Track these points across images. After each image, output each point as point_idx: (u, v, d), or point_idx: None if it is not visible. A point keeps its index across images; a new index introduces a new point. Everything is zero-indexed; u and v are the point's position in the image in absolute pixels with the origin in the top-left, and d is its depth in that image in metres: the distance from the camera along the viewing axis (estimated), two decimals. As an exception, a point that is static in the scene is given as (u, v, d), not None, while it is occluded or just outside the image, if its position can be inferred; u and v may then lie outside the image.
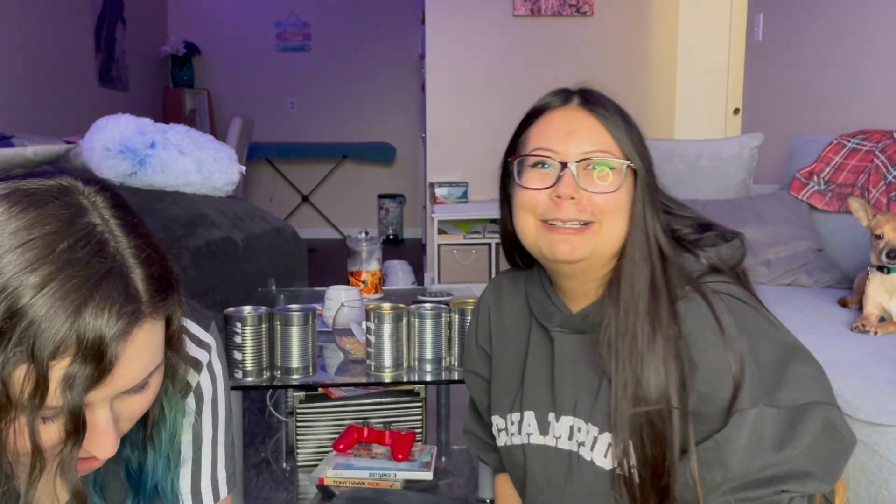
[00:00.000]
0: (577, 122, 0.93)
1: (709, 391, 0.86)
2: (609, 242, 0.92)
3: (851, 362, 1.62)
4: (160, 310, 0.61)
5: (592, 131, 0.92)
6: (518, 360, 1.04)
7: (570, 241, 0.91)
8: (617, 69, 4.71)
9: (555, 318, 0.98)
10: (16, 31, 4.04)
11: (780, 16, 3.51)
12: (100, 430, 0.61)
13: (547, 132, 0.94)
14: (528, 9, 4.65)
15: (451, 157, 4.76)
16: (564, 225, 0.91)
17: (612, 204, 0.90)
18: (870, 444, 1.36)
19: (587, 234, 0.91)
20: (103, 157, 2.44)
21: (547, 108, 0.96)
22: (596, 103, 0.94)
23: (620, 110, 0.95)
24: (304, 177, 6.88)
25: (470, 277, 4.49)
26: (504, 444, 1.06)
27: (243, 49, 6.74)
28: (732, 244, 0.96)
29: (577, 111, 0.94)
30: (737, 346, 0.86)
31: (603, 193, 0.90)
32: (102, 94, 5.19)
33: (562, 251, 0.91)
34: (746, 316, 0.89)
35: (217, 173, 2.61)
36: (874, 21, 2.86)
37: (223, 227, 2.59)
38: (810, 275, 2.37)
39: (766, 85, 3.66)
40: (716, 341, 0.86)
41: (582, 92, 0.96)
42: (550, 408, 0.98)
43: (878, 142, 2.46)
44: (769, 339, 0.88)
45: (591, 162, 0.91)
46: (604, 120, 0.92)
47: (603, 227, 0.91)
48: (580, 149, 0.91)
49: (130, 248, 0.60)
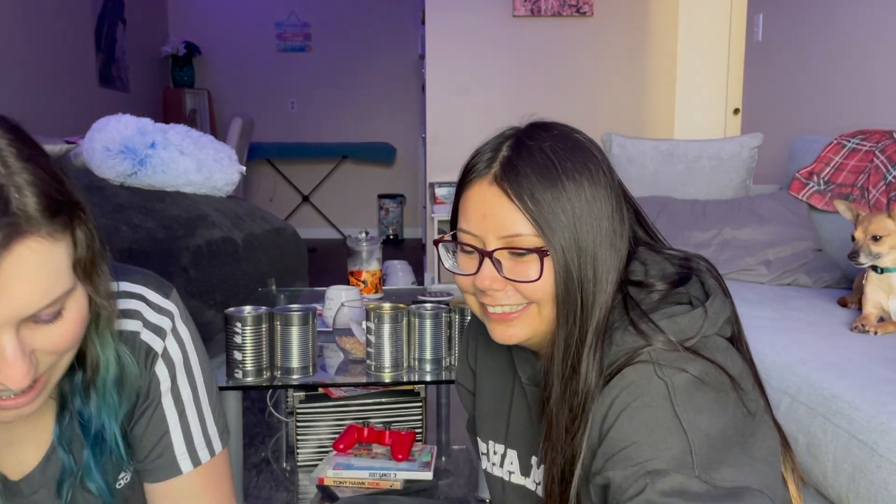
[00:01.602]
0: (491, 203, 0.82)
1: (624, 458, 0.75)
2: (548, 324, 0.85)
3: (851, 362, 1.62)
4: (49, 229, 0.61)
5: (507, 213, 0.81)
6: (504, 392, 1.00)
7: (507, 327, 0.86)
8: (617, 69, 4.71)
9: (527, 368, 0.95)
10: (16, 31, 4.05)
11: (780, 16, 3.51)
12: (7, 358, 0.61)
13: (467, 211, 0.86)
14: (527, 9, 4.65)
15: (451, 157, 4.76)
16: (496, 310, 0.86)
17: (538, 292, 0.82)
18: (870, 444, 1.36)
19: (524, 316, 0.85)
20: (104, 158, 2.44)
21: (471, 176, 0.86)
22: (514, 174, 0.81)
23: (549, 171, 0.81)
24: (305, 177, 6.88)
25: (470, 277, 4.49)
26: (485, 469, 1.05)
27: (244, 49, 6.74)
28: (692, 316, 0.82)
29: (491, 188, 0.82)
30: (666, 415, 0.75)
31: (526, 282, 0.82)
32: (103, 94, 5.19)
33: (499, 336, 0.87)
34: (687, 388, 0.77)
35: (217, 173, 2.61)
36: (874, 21, 2.86)
37: (223, 227, 2.60)
38: (810, 275, 2.37)
39: (766, 85, 3.66)
40: (643, 409, 0.76)
41: (508, 151, 0.84)
42: (534, 452, 0.95)
43: (878, 142, 2.46)
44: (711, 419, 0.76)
45: (509, 249, 0.82)
46: (520, 199, 0.80)
47: (540, 309, 0.84)
48: (498, 234, 0.82)
49: (21, 172, 0.60)
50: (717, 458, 0.73)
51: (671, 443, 0.73)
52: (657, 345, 0.79)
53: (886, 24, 2.79)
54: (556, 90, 4.67)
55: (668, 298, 0.84)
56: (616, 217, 0.84)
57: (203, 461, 0.85)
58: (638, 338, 0.80)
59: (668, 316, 0.82)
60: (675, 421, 0.74)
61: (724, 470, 0.73)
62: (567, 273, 0.81)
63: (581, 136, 0.87)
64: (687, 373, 0.77)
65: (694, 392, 0.76)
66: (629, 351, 0.80)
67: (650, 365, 0.78)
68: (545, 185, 0.81)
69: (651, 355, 0.78)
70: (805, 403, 1.56)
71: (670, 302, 0.84)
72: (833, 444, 1.46)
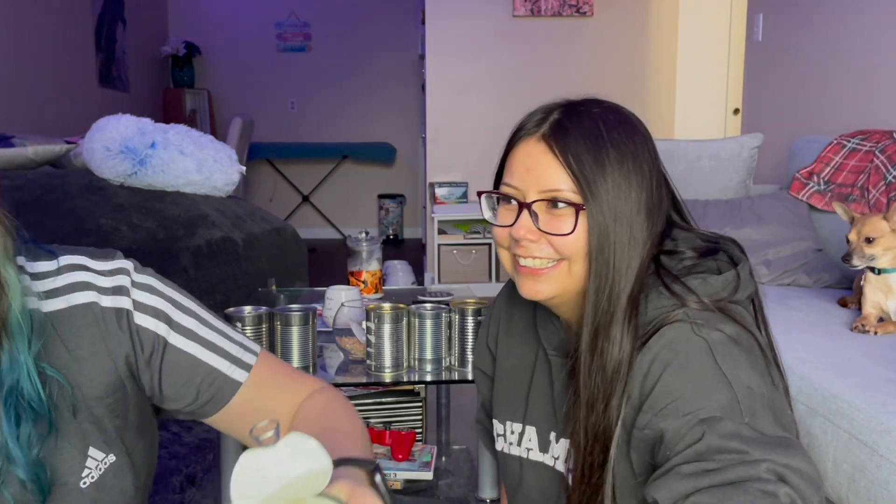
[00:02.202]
0: (536, 158, 0.87)
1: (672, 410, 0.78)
2: (577, 282, 0.88)
3: (851, 362, 1.62)
4: None
5: (550, 168, 0.86)
6: (525, 371, 1.03)
7: (535, 282, 0.89)
8: (617, 69, 4.71)
9: (553, 339, 0.97)
10: (16, 31, 4.05)
11: (780, 16, 3.51)
12: None
13: (512, 166, 0.90)
14: (528, 9, 4.65)
15: (451, 157, 4.76)
16: (528, 263, 0.89)
17: (571, 246, 0.86)
18: (870, 443, 1.36)
19: (553, 273, 0.88)
20: (104, 158, 2.44)
21: (520, 135, 0.91)
22: (562, 134, 0.86)
23: (596, 137, 0.85)
24: (305, 177, 6.88)
25: (470, 277, 4.50)
26: (501, 450, 1.06)
27: (243, 49, 6.74)
28: (725, 277, 0.87)
29: (538, 144, 0.87)
30: (711, 373, 0.78)
31: (559, 236, 0.86)
32: (103, 94, 5.19)
33: (526, 291, 0.90)
34: (727, 349, 0.80)
35: (217, 173, 2.61)
36: (874, 21, 2.86)
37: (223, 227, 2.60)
38: (810, 275, 2.37)
39: (766, 85, 3.66)
40: (686, 367, 0.79)
41: (558, 115, 0.89)
42: (552, 427, 0.97)
43: (878, 142, 2.46)
44: (752, 376, 0.79)
45: (547, 202, 0.87)
46: (563, 155, 0.85)
47: (571, 266, 0.87)
48: (538, 187, 0.87)
49: None
50: (758, 409, 0.76)
51: (719, 393, 0.76)
52: (690, 304, 0.83)
53: (887, 24, 2.79)
54: (556, 90, 4.63)
55: (698, 267, 0.88)
56: (655, 193, 0.88)
57: (251, 363, 0.84)
58: (672, 299, 0.84)
59: (699, 278, 0.86)
60: (719, 373, 0.77)
61: (765, 421, 0.75)
62: (601, 231, 0.84)
63: (629, 113, 0.92)
64: (722, 332, 0.81)
65: (731, 348, 0.80)
66: (664, 312, 0.84)
67: (688, 324, 0.82)
68: (589, 148, 0.85)
69: (688, 315, 0.82)
70: (805, 403, 1.56)
71: (700, 269, 0.88)
72: (833, 444, 1.46)
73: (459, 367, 1.47)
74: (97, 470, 0.75)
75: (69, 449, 0.73)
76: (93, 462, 0.75)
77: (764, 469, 0.69)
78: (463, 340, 1.46)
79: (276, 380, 0.86)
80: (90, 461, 0.75)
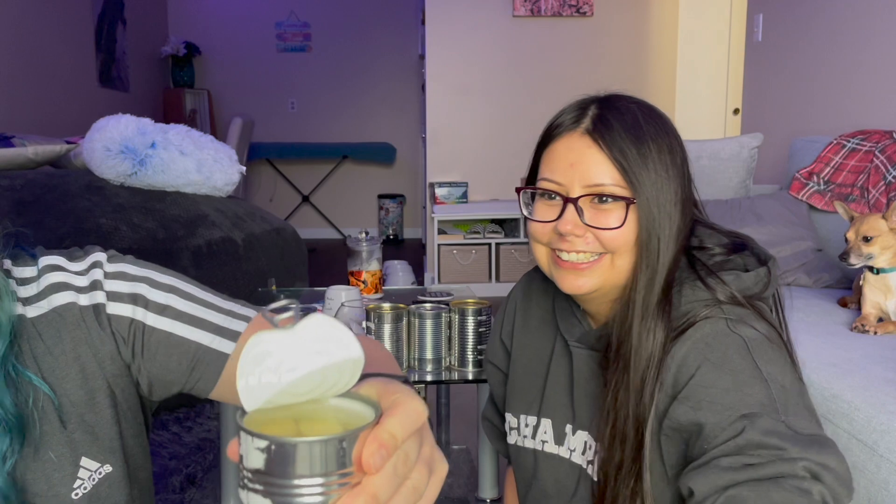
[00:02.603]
0: (580, 153, 0.88)
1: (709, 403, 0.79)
2: (619, 275, 0.89)
3: (851, 362, 1.62)
4: None
5: (596, 163, 0.87)
6: (540, 364, 1.03)
7: (577, 276, 0.89)
8: (617, 69, 4.71)
9: (575, 331, 0.97)
10: (16, 31, 4.05)
11: (780, 16, 3.51)
12: None
13: (552, 161, 0.90)
14: (527, 9, 4.65)
15: (451, 157, 4.76)
16: (570, 258, 0.89)
17: (619, 240, 0.87)
18: (870, 443, 1.37)
19: (596, 267, 0.88)
20: (104, 158, 2.44)
21: (558, 131, 0.91)
22: (606, 128, 0.87)
23: (637, 131, 0.87)
24: (305, 177, 6.88)
25: (470, 277, 4.49)
26: (514, 444, 1.06)
27: (243, 49, 6.74)
28: (758, 273, 0.88)
29: (582, 139, 0.88)
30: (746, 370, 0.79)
31: (607, 230, 0.86)
32: (103, 94, 5.19)
33: (568, 285, 0.90)
34: (761, 346, 0.82)
35: (217, 173, 2.61)
36: (874, 21, 2.86)
37: (223, 227, 2.60)
38: (810, 275, 2.37)
39: (765, 85, 3.66)
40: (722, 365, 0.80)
41: (597, 110, 0.89)
42: (569, 420, 0.98)
43: (878, 142, 2.46)
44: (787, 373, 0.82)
45: (594, 197, 0.87)
46: (610, 150, 0.86)
47: (614, 259, 0.88)
48: (583, 182, 0.87)
49: None
50: (792, 407, 0.78)
51: (756, 389, 0.78)
52: (723, 297, 0.85)
53: (886, 24, 2.79)
54: (556, 90, 4.67)
55: (728, 263, 0.90)
56: (686, 186, 0.90)
57: (240, 331, 0.75)
58: (706, 292, 0.85)
59: (732, 274, 0.88)
60: (756, 370, 0.79)
61: (799, 418, 0.77)
62: (650, 224, 0.86)
63: (658, 109, 0.94)
64: (757, 330, 0.83)
65: (766, 346, 0.82)
66: (698, 305, 0.85)
67: (723, 320, 0.83)
68: (633, 142, 0.86)
69: (723, 311, 0.84)
70: (805, 403, 1.56)
71: (729, 266, 0.90)
72: (833, 444, 1.46)
73: (459, 367, 1.47)
74: (90, 481, 0.72)
75: (59, 460, 0.70)
76: (85, 472, 0.71)
77: (801, 467, 0.70)
78: (463, 340, 1.46)
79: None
80: (82, 472, 0.71)
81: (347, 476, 0.37)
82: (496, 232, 4.58)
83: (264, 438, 0.36)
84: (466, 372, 1.45)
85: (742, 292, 0.86)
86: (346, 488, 0.37)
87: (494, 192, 4.77)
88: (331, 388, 0.41)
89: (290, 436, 0.36)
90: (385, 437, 0.38)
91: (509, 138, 4.68)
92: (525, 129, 4.61)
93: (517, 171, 5.11)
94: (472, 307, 1.45)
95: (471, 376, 1.45)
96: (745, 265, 0.91)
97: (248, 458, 0.37)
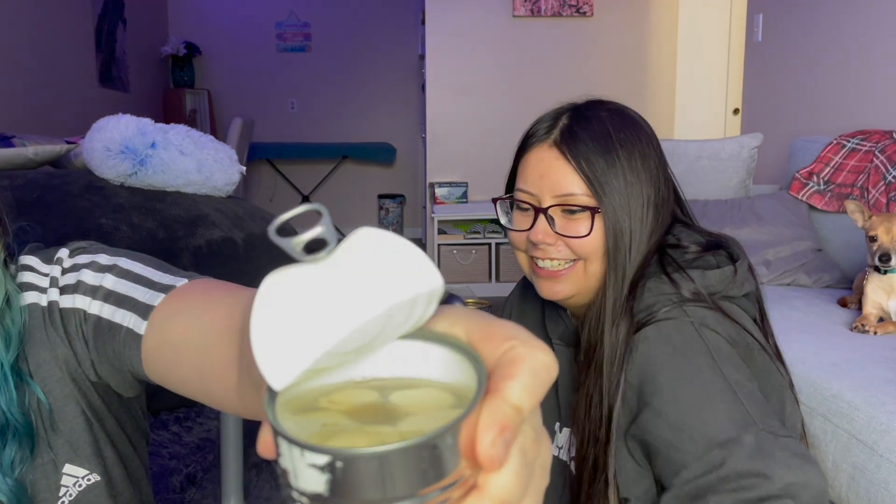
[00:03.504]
0: (549, 164, 0.91)
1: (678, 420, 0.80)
2: (592, 280, 0.92)
3: (851, 362, 1.62)
4: None
5: (564, 174, 0.90)
6: None
7: (554, 284, 0.93)
8: (617, 69, 4.71)
9: (559, 329, 1.00)
10: (16, 31, 4.05)
11: (780, 16, 3.51)
12: None
13: (525, 172, 0.94)
14: (527, 9, 4.65)
15: (451, 157, 4.76)
16: (546, 265, 0.92)
17: (588, 247, 0.90)
18: (869, 443, 1.37)
19: (571, 273, 0.92)
20: (104, 158, 2.44)
21: (531, 141, 0.94)
22: (572, 140, 0.90)
23: (605, 140, 0.89)
24: (305, 177, 6.88)
25: (470, 277, 4.49)
26: None
27: (244, 49, 6.74)
28: (723, 271, 0.90)
29: (550, 150, 0.91)
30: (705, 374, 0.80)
31: (576, 238, 0.90)
32: (103, 94, 5.19)
33: (546, 292, 0.94)
34: (719, 346, 0.83)
35: (217, 173, 2.61)
36: (874, 21, 2.86)
37: (224, 227, 2.60)
38: (810, 275, 2.37)
39: (765, 85, 3.66)
40: (682, 368, 0.81)
41: (567, 120, 0.92)
42: (556, 417, 1.00)
43: (878, 142, 2.46)
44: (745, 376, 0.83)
45: (563, 206, 0.90)
46: (576, 160, 0.89)
47: (587, 266, 0.91)
48: (553, 192, 0.91)
49: None
50: (766, 412, 0.79)
51: (727, 404, 0.78)
52: (686, 293, 0.86)
53: (886, 24, 2.79)
54: (556, 90, 4.66)
55: (699, 261, 0.91)
56: (661, 189, 0.92)
57: (175, 285, 0.64)
58: (669, 286, 0.87)
59: (699, 270, 0.89)
60: (724, 382, 0.80)
61: (773, 420, 0.79)
62: (616, 231, 0.88)
63: (634, 112, 0.95)
64: (720, 335, 0.84)
65: (730, 351, 0.83)
66: (661, 299, 0.86)
67: (689, 323, 0.84)
68: (600, 151, 0.89)
69: (687, 312, 0.85)
70: (805, 403, 1.56)
71: (699, 264, 0.91)
72: (833, 444, 1.46)
73: (459, 367, 1.47)
74: (75, 487, 0.68)
75: (45, 466, 0.67)
76: (69, 479, 0.68)
77: (780, 488, 0.73)
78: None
79: (209, 294, 0.63)
80: (66, 479, 0.68)
81: (455, 484, 0.25)
82: (496, 232, 4.58)
83: (324, 453, 0.24)
84: (466, 372, 1.45)
85: (706, 289, 0.88)
86: (456, 491, 0.25)
87: (494, 192, 4.74)
88: (393, 333, 0.29)
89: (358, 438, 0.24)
90: (508, 414, 0.26)
91: (509, 138, 4.65)
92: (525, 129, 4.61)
93: (517, 171, 5.04)
94: (472, 307, 1.45)
95: (471, 376, 1.45)
96: (716, 263, 0.92)
97: (300, 477, 0.24)
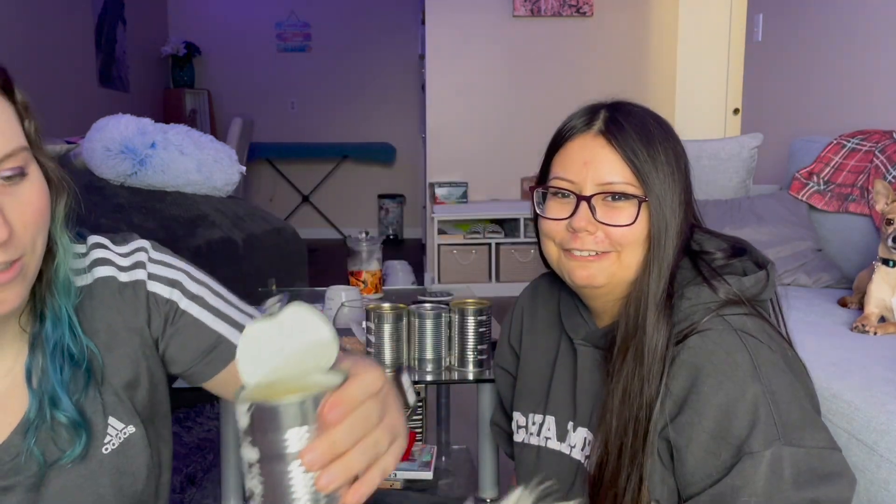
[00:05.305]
0: (594, 152, 0.91)
1: (718, 428, 0.82)
2: (627, 271, 0.92)
3: (851, 362, 1.62)
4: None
5: (609, 162, 0.90)
6: (546, 364, 1.06)
7: (588, 269, 0.92)
8: (617, 69, 4.71)
9: (580, 330, 1.00)
10: (16, 31, 4.05)
11: (780, 16, 3.51)
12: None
13: (565, 161, 0.93)
14: (527, 9, 4.65)
15: (451, 157, 4.76)
16: (582, 254, 0.92)
17: (629, 236, 0.90)
18: (870, 443, 1.37)
19: (605, 262, 0.91)
20: (104, 158, 2.44)
21: (570, 133, 0.94)
22: (618, 129, 0.91)
23: (647, 133, 0.91)
24: (305, 177, 6.88)
25: (470, 277, 4.49)
26: (520, 441, 1.09)
27: (244, 49, 6.74)
28: (757, 276, 0.92)
29: (595, 139, 0.92)
30: (749, 384, 0.82)
31: (618, 227, 0.90)
32: (103, 94, 5.19)
33: (580, 277, 0.93)
34: (762, 353, 0.85)
35: (217, 173, 2.61)
36: (874, 21, 2.86)
37: (223, 227, 2.60)
38: (810, 275, 2.37)
39: (765, 85, 3.66)
40: (727, 378, 0.82)
41: (608, 113, 0.93)
42: (571, 416, 1.00)
43: (878, 142, 2.46)
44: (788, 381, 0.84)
45: (606, 195, 0.90)
46: (623, 149, 0.90)
47: (621, 256, 0.91)
48: (596, 180, 0.90)
49: None
50: (805, 418, 0.81)
51: (759, 412, 0.80)
52: (724, 297, 0.87)
53: (886, 24, 2.79)
54: (556, 90, 4.67)
55: (727, 267, 0.93)
56: (688, 188, 0.94)
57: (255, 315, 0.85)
58: (710, 293, 0.88)
59: (735, 276, 0.91)
60: (763, 391, 0.81)
61: (809, 432, 0.80)
62: (660, 221, 0.89)
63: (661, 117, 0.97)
64: (760, 341, 0.85)
65: (772, 357, 0.84)
66: (702, 308, 0.87)
67: (733, 332, 0.85)
68: (644, 143, 0.90)
69: (729, 321, 0.86)
70: (805, 403, 1.56)
71: (730, 270, 0.92)
72: (833, 444, 1.45)
73: (459, 368, 1.47)
74: (118, 438, 0.79)
75: (93, 414, 0.77)
76: (113, 430, 0.79)
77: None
78: (463, 340, 1.46)
79: None
80: (111, 429, 0.78)
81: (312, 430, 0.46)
82: (496, 232, 4.57)
83: (247, 402, 0.46)
84: (466, 372, 1.45)
85: (744, 294, 0.89)
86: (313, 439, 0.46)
87: (494, 192, 4.77)
88: (313, 364, 0.50)
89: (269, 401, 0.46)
90: (343, 396, 0.47)
91: (509, 138, 4.68)
92: (525, 129, 4.62)
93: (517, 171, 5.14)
94: (473, 307, 1.45)
95: (471, 376, 1.45)
96: (744, 270, 0.93)
97: (240, 420, 0.47)
